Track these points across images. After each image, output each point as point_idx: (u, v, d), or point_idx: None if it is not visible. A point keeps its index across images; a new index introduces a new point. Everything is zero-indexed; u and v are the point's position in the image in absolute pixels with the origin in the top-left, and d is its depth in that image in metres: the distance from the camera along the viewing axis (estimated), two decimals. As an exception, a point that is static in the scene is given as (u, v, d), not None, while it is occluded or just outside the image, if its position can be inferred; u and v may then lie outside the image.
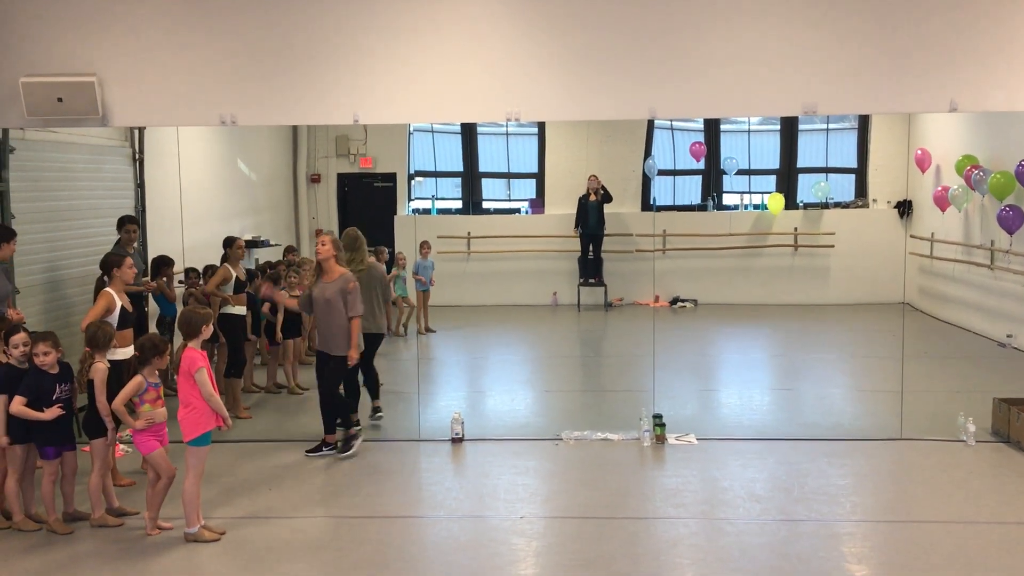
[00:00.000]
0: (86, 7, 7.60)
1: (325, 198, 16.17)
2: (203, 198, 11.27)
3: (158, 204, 10.23)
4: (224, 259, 9.30)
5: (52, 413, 5.90)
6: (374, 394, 8.56)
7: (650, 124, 15.53)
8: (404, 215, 15.89)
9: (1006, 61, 7.26)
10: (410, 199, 16.31)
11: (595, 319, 14.76)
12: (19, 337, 6.05)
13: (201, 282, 9.96)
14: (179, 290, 9.76)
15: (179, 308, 9.77)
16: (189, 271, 9.81)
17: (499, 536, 5.91)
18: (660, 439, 7.80)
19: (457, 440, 7.86)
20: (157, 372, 6.01)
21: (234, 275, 9.09)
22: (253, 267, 11.53)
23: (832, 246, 15.41)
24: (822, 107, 7.50)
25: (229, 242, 9.34)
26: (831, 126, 16.04)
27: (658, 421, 7.86)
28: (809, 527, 5.98)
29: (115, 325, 6.64)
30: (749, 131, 16.20)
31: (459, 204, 16.38)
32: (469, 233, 15.21)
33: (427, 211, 16.10)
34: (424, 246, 13.23)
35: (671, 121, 15.72)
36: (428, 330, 13.15)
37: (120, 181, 9.95)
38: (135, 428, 5.85)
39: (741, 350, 12.66)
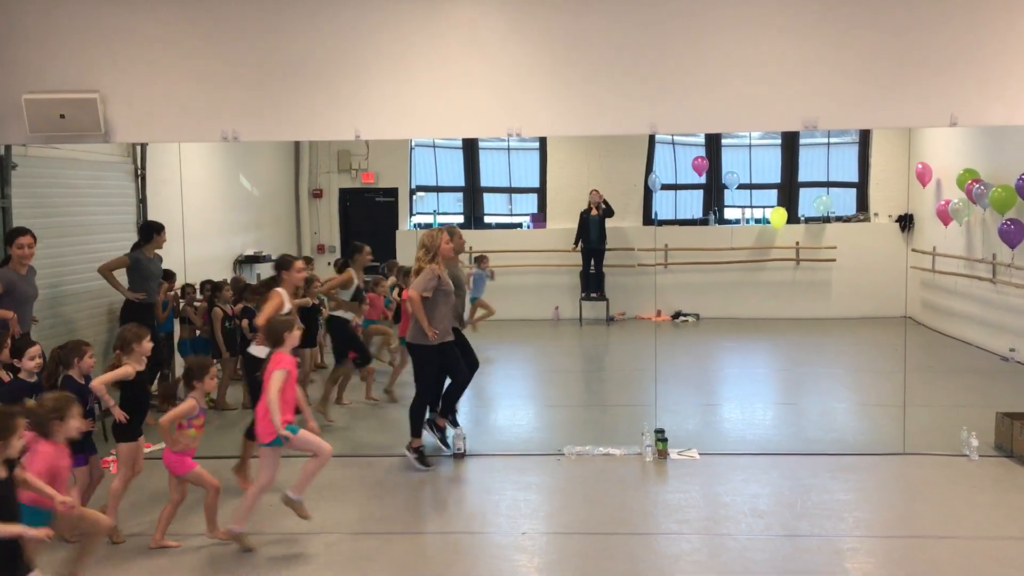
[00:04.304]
0: (88, 24, 7.65)
1: (327, 213, 16.21)
2: (205, 213, 11.30)
3: (160, 219, 10.23)
4: (344, 265, 9.42)
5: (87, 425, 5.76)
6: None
7: (651, 139, 15.56)
8: (406, 230, 15.91)
9: (1006, 75, 7.27)
10: (412, 214, 16.33)
11: (597, 333, 14.75)
12: (35, 349, 6.05)
13: (199, 295, 9.98)
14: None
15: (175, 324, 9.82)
16: (186, 287, 9.84)
17: (501, 552, 5.89)
18: (662, 454, 7.77)
19: (459, 455, 7.84)
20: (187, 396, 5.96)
21: (356, 282, 9.16)
22: (254, 282, 11.56)
23: (834, 260, 15.41)
24: (822, 122, 7.51)
25: (357, 248, 9.43)
26: (832, 140, 16.07)
27: (660, 436, 7.84)
28: (812, 543, 5.95)
29: None
30: (750, 145, 16.23)
31: (461, 219, 16.40)
32: (471, 248, 15.21)
33: (429, 226, 16.11)
34: (483, 259, 13.16)
35: (672, 136, 15.75)
36: None
37: (122, 197, 9.98)
38: (172, 449, 5.79)
39: (743, 364, 12.63)
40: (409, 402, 7.78)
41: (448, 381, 7.88)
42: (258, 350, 6.72)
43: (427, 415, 7.82)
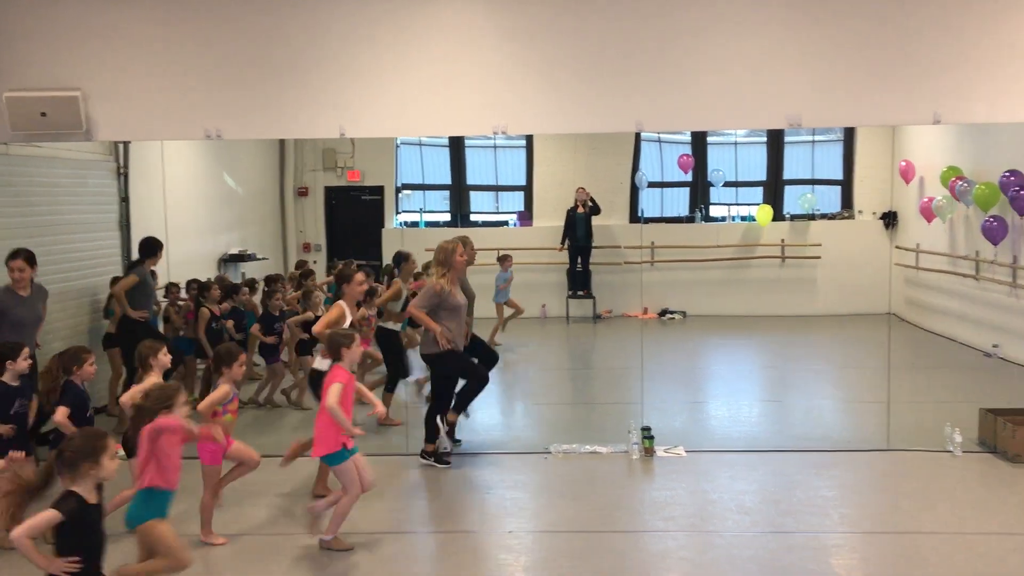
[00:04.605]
0: (70, 22, 7.58)
1: (312, 211, 16.16)
2: (188, 212, 11.25)
3: (143, 218, 10.19)
4: (391, 275, 9.41)
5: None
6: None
7: (637, 137, 15.58)
8: (392, 228, 15.88)
9: (988, 73, 7.31)
10: (398, 212, 16.29)
11: (584, 331, 14.76)
12: (27, 350, 6.08)
13: (184, 295, 9.92)
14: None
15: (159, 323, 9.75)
16: (170, 286, 9.77)
17: (487, 551, 5.88)
18: (649, 452, 7.78)
19: (446, 454, 7.82)
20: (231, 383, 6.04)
21: (405, 293, 9.12)
22: (239, 281, 11.52)
23: (819, 257, 15.47)
24: (806, 119, 7.53)
25: (404, 257, 9.42)
26: (817, 138, 16.13)
27: (647, 433, 7.84)
28: (798, 539, 5.97)
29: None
30: (736, 143, 16.28)
31: (447, 217, 16.38)
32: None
33: (415, 224, 16.09)
34: (506, 259, 13.12)
35: (658, 134, 15.77)
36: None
37: (104, 195, 9.91)
38: (207, 437, 5.71)
39: (729, 361, 12.67)
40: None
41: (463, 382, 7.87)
42: (323, 363, 6.67)
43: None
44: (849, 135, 15.94)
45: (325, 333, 6.49)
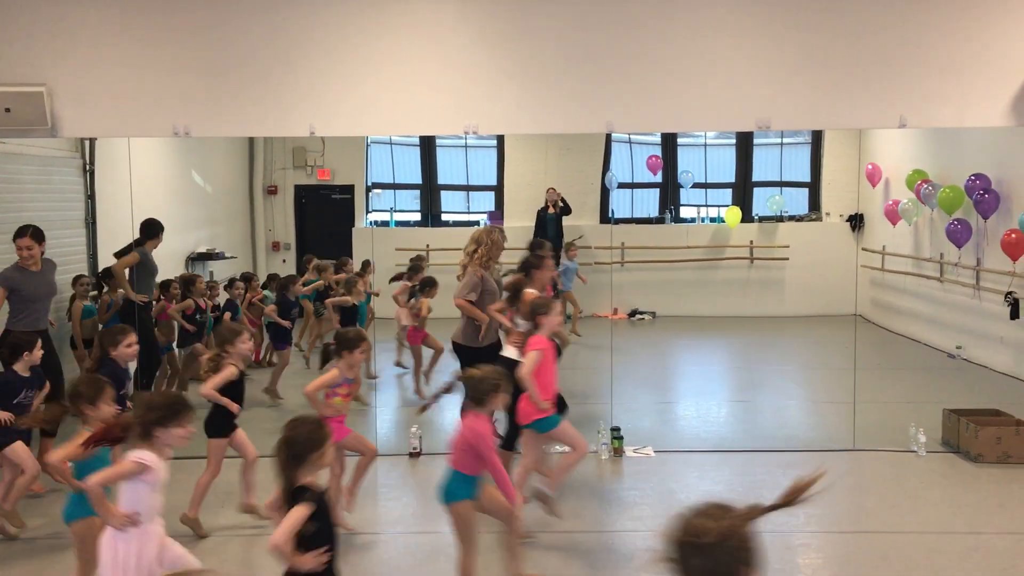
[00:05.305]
0: (35, 16, 7.46)
1: (282, 210, 16.02)
2: (156, 210, 11.04)
3: (109, 216, 10.06)
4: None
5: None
6: None
7: (608, 138, 15.64)
8: (362, 227, 15.80)
9: (954, 78, 7.41)
10: (368, 211, 16.22)
11: (554, 331, 14.74)
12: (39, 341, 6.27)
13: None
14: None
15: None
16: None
17: (454, 553, 5.86)
18: (618, 452, 7.82)
19: (415, 454, 7.80)
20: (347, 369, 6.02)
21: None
22: (209, 278, 11.43)
23: (787, 259, 15.61)
24: (775, 122, 7.60)
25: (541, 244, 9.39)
26: (785, 141, 16.28)
27: (616, 434, 7.88)
28: (764, 538, 5.99)
29: None
30: (706, 145, 16.38)
31: (418, 216, 16.33)
32: (428, 245, 15.13)
33: (385, 223, 16.02)
34: (571, 247, 13.09)
35: (629, 135, 15.84)
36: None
37: (70, 192, 9.78)
38: (323, 414, 5.74)
39: (698, 362, 12.75)
40: None
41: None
42: (511, 352, 6.64)
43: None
44: (817, 138, 16.11)
45: (529, 302, 6.40)
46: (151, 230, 9.03)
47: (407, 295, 10.33)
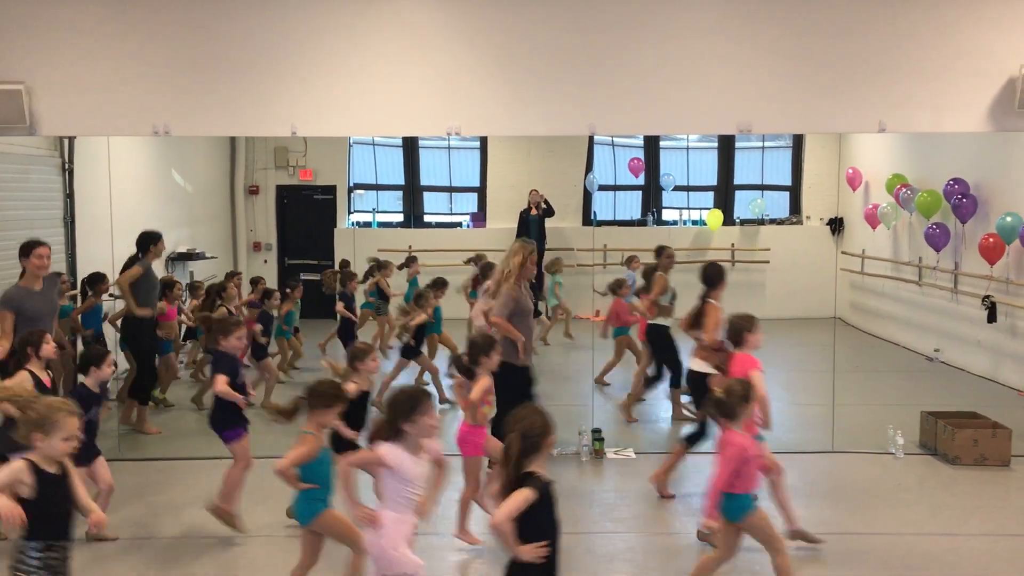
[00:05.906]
0: (13, 14, 7.39)
1: (264, 210, 15.95)
2: (136, 209, 11.01)
3: (88, 215, 9.98)
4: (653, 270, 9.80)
5: None
6: None
7: (591, 140, 15.66)
8: (344, 228, 15.75)
9: (933, 84, 7.49)
10: (350, 212, 16.17)
11: (536, 333, 14.74)
12: (111, 357, 6.13)
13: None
14: (107, 303, 9.53)
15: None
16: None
17: (435, 553, 5.86)
18: (599, 453, 7.83)
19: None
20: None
21: (671, 288, 9.43)
22: (189, 280, 11.34)
23: (767, 262, 15.69)
24: (756, 126, 7.65)
25: (660, 251, 10.12)
26: (767, 144, 16.37)
27: (597, 436, 7.89)
28: (744, 540, 6.04)
29: None
30: (688, 148, 16.44)
31: (400, 217, 16.30)
32: (410, 247, 15.11)
33: (368, 224, 15.98)
34: (634, 260, 13.21)
35: (612, 137, 15.87)
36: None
37: (48, 191, 9.69)
38: (472, 423, 5.81)
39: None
40: None
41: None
42: (699, 364, 6.63)
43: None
44: (798, 142, 16.20)
45: (733, 319, 6.33)
46: (149, 240, 8.86)
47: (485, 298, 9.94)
